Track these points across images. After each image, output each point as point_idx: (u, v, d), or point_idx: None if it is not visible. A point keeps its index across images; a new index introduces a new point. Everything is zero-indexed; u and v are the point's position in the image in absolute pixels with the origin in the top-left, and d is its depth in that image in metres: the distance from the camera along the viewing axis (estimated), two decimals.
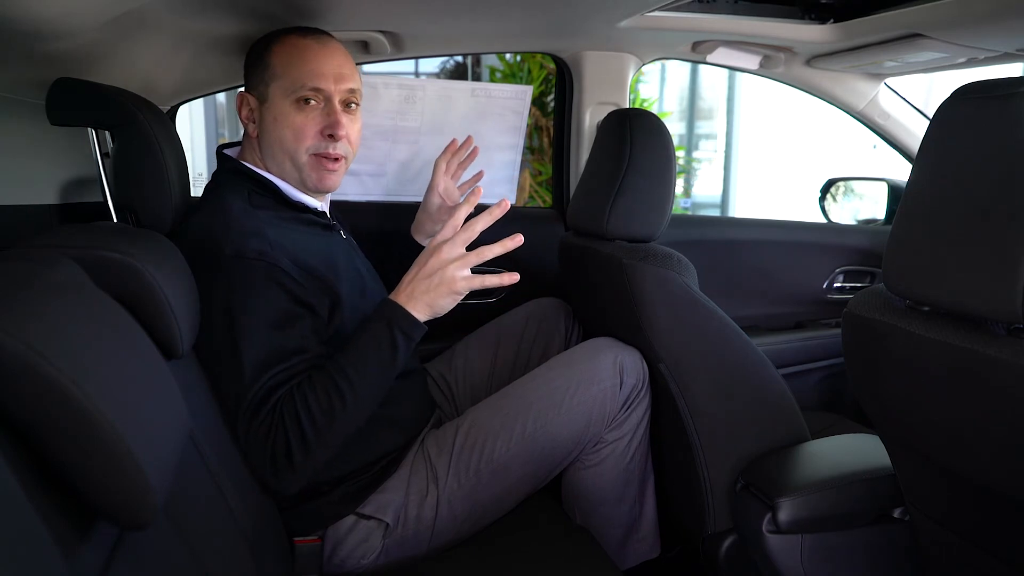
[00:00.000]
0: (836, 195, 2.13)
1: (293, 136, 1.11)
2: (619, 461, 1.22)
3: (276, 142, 1.12)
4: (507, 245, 1.02)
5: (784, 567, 1.08)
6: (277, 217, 1.09)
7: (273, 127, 1.12)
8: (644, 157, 1.27)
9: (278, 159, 1.14)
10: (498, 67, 4.73)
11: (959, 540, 0.90)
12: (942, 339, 0.74)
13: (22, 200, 1.10)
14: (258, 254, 0.99)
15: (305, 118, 1.11)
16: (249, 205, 1.08)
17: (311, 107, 1.11)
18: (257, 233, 1.01)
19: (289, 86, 1.10)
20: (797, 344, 1.88)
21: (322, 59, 1.11)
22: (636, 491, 1.27)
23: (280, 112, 1.11)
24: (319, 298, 1.04)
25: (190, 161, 1.16)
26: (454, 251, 1.03)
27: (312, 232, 1.14)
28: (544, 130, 4.45)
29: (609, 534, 1.26)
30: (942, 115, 0.76)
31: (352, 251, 1.23)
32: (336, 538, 1.09)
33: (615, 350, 1.22)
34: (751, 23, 1.46)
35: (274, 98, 1.12)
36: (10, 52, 0.90)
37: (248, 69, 1.17)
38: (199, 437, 0.86)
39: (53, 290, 0.62)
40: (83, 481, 0.57)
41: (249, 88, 1.16)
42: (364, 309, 1.12)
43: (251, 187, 1.12)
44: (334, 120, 1.11)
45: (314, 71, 1.10)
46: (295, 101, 1.11)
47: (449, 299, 1.03)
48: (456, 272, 1.02)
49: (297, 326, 1.01)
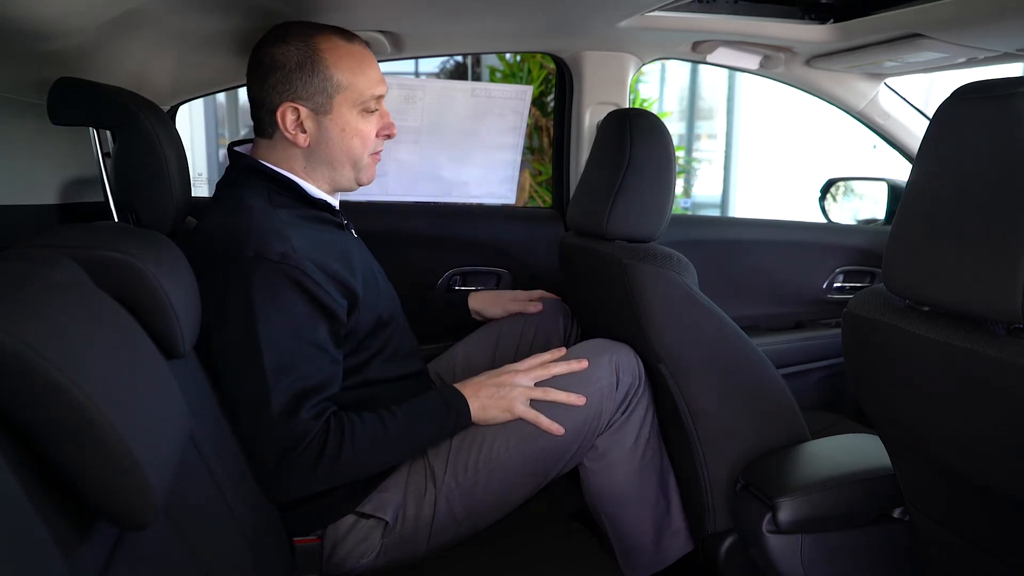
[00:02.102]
0: (836, 195, 2.14)
1: (361, 144, 1.14)
2: (628, 459, 1.22)
3: (342, 151, 1.13)
4: (572, 399, 1.15)
5: (784, 567, 1.08)
6: (297, 216, 1.09)
7: (340, 137, 1.12)
8: (644, 157, 1.27)
9: (336, 166, 1.14)
10: (498, 67, 4.73)
11: (959, 540, 0.90)
12: (942, 339, 0.74)
13: (22, 200, 1.10)
14: (280, 256, 0.99)
15: (368, 124, 1.14)
16: (269, 204, 1.07)
17: (373, 113, 1.14)
18: (279, 235, 1.01)
19: (357, 98, 1.11)
20: (797, 344, 1.88)
21: (375, 66, 1.14)
22: (656, 487, 1.26)
23: (348, 123, 1.12)
24: (338, 300, 1.05)
25: (190, 161, 1.16)
26: (526, 380, 1.16)
27: (328, 231, 1.14)
28: (544, 130, 4.45)
29: (642, 535, 1.25)
30: (942, 115, 0.76)
31: (364, 249, 1.24)
32: (335, 537, 1.10)
33: (611, 350, 1.22)
34: (751, 23, 1.46)
35: (340, 109, 1.11)
36: (11, 52, 0.90)
37: (295, 78, 1.08)
38: (199, 437, 0.86)
39: (53, 290, 0.62)
40: (83, 481, 0.57)
41: (298, 99, 1.08)
42: (378, 307, 1.15)
43: (269, 186, 1.11)
44: (389, 122, 1.18)
45: (375, 79, 1.13)
46: (362, 111, 1.12)
47: (502, 414, 1.14)
48: (519, 397, 1.14)
49: (316, 330, 1.01)
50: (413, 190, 1.73)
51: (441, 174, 1.81)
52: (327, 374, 1.03)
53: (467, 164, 1.81)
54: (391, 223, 1.68)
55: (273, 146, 1.13)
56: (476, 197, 1.86)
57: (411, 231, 1.71)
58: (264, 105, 1.10)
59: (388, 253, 1.45)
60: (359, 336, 1.11)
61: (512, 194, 1.82)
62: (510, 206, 1.93)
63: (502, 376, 1.16)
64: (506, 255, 1.77)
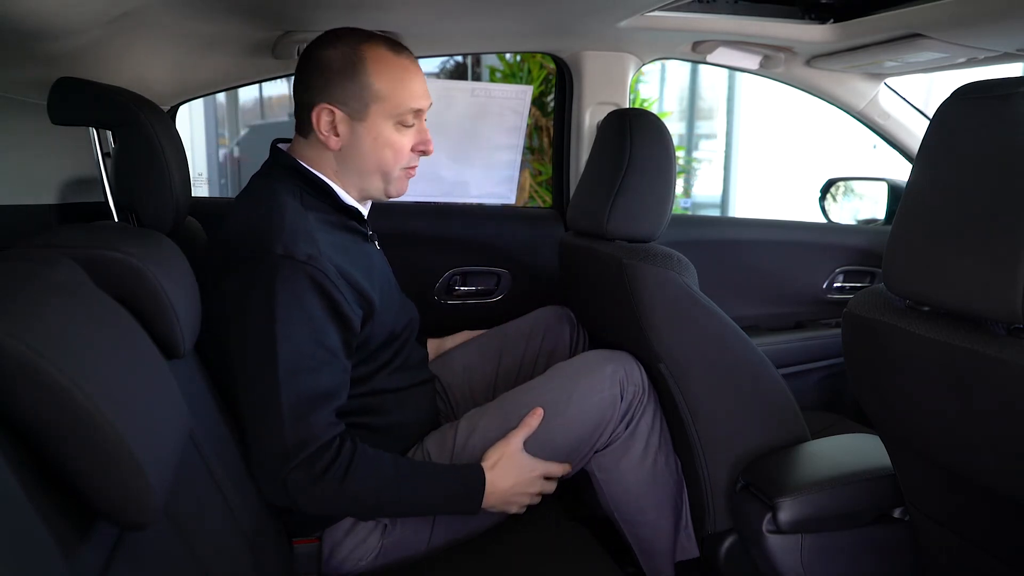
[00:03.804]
0: (836, 195, 2.14)
1: (394, 156, 1.11)
2: (639, 468, 1.21)
3: (371, 160, 1.11)
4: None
5: (784, 567, 1.08)
6: (326, 221, 1.08)
7: (372, 146, 1.10)
8: (644, 157, 1.27)
9: (365, 174, 1.13)
10: (498, 67, 4.73)
11: (959, 540, 0.90)
12: (942, 339, 0.74)
13: (22, 200, 1.10)
14: (307, 257, 0.98)
15: (403, 138, 1.11)
16: (301, 205, 1.07)
17: (410, 128, 1.12)
18: (309, 236, 1.01)
19: (393, 109, 1.09)
20: (797, 344, 1.88)
21: (419, 79, 1.12)
22: (673, 492, 1.26)
23: (381, 133, 1.10)
24: (354, 309, 1.04)
25: (190, 161, 1.16)
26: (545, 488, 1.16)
27: (354, 240, 1.13)
28: (544, 130, 4.45)
29: (660, 540, 1.25)
30: (942, 115, 0.76)
31: (385, 262, 1.24)
32: (334, 539, 1.09)
33: (616, 361, 1.21)
34: (751, 23, 1.46)
35: (375, 118, 1.09)
36: (11, 52, 0.90)
37: (335, 81, 1.08)
38: (199, 437, 0.86)
39: (53, 290, 0.62)
40: (83, 481, 0.57)
41: (334, 101, 1.08)
42: (392, 321, 1.15)
43: (303, 186, 1.11)
44: (426, 137, 1.14)
45: (416, 93, 1.10)
46: (397, 123, 1.10)
47: (515, 508, 1.14)
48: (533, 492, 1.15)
49: (330, 337, 1.01)
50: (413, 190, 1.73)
51: (441, 174, 1.81)
52: (337, 382, 1.02)
53: (467, 164, 1.81)
54: (391, 223, 1.68)
55: (309, 145, 1.13)
56: (476, 197, 1.86)
57: (411, 231, 1.71)
58: (304, 104, 1.11)
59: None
60: (371, 348, 1.11)
61: (512, 194, 1.82)
62: (510, 206, 1.93)
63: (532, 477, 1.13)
64: (506, 255, 1.77)
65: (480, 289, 1.77)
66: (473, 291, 1.77)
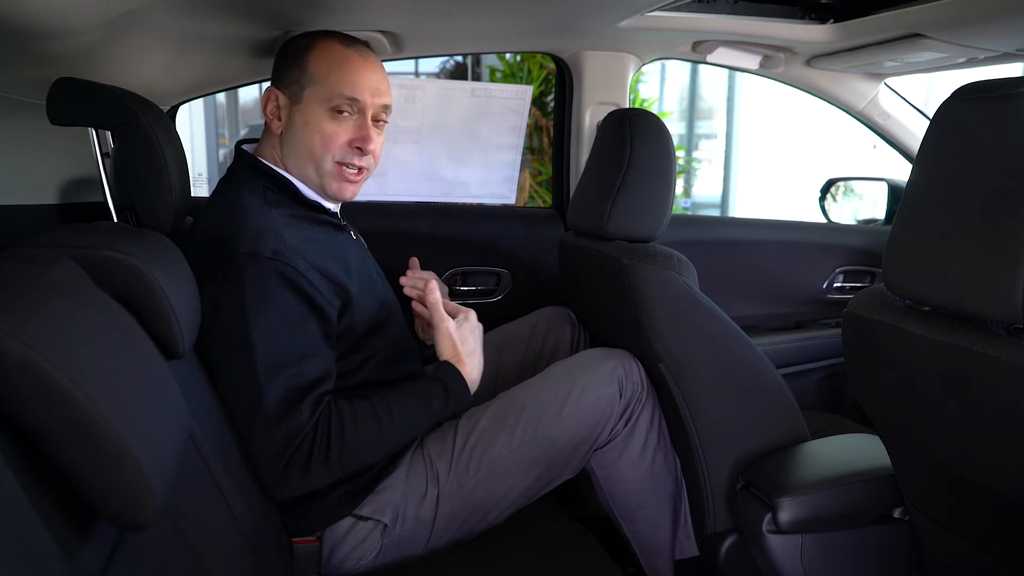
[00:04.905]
0: (836, 195, 2.14)
1: (322, 143, 1.11)
2: (638, 465, 1.22)
3: (303, 145, 1.12)
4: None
5: (784, 567, 1.08)
6: (292, 216, 1.09)
7: (303, 130, 1.12)
8: (644, 157, 1.27)
9: (301, 161, 1.14)
10: (498, 67, 4.73)
11: (959, 540, 0.90)
12: (942, 339, 0.74)
13: (22, 200, 1.10)
14: (273, 253, 0.99)
15: (336, 127, 1.11)
16: (264, 203, 1.08)
17: (344, 117, 1.12)
18: (273, 232, 1.02)
19: (326, 94, 1.10)
20: (797, 344, 1.88)
21: (362, 72, 1.12)
22: (671, 491, 1.26)
23: (312, 117, 1.11)
24: (330, 299, 1.05)
25: (190, 161, 1.16)
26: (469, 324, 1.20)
27: (325, 231, 1.14)
28: (544, 130, 4.45)
29: (659, 538, 1.26)
30: (942, 115, 0.76)
31: (363, 251, 1.24)
32: (334, 539, 1.09)
33: (614, 358, 1.21)
34: (751, 23, 1.46)
35: (308, 102, 1.11)
36: (10, 52, 0.90)
37: (281, 65, 1.15)
38: (199, 437, 0.86)
39: (53, 290, 0.62)
40: (83, 481, 0.57)
41: (279, 84, 1.14)
42: (373, 309, 1.14)
43: (266, 184, 1.12)
44: (365, 134, 1.13)
45: (353, 82, 1.11)
46: (329, 109, 1.11)
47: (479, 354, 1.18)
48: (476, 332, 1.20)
49: (308, 329, 1.01)
50: (413, 190, 1.73)
51: (441, 174, 1.81)
52: (321, 371, 1.02)
53: (467, 164, 1.81)
54: (391, 223, 1.68)
55: (268, 139, 1.17)
56: (476, 197, 1.86)
57: (411, 231, 1.71)
58: None
59: (388, 253, 1.45)
60: (353, 337, 1.11)
61: (512, 194, 1.82)
62: (510, 206, 1.93)
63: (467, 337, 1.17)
64: (506, 255, 1.77)
65: (480, 289, 1.77)
66: (473, 291, 1.77)
